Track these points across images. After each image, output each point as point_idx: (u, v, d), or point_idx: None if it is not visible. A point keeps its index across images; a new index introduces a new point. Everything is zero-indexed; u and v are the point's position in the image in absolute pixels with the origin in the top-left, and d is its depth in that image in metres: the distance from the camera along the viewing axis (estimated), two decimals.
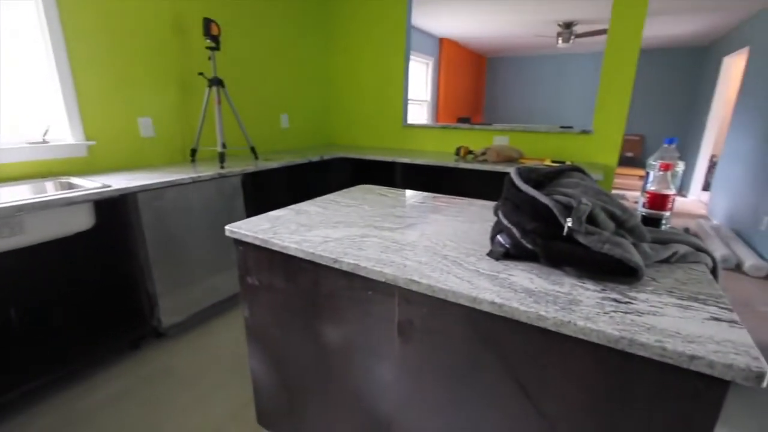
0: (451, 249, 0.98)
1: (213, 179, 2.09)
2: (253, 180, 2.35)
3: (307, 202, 1.45)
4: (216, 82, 2.31)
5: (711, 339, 0.60)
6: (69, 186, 1.82)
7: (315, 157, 2.86)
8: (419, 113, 6.07)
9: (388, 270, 0.85)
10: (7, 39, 1.75)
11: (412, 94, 5.71)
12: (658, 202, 1.02)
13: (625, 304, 0.70)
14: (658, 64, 6.68)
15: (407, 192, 1.64)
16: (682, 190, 5.97)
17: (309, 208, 1.35)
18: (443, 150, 3.37)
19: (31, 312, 1.50)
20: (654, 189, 1.03)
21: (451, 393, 0.86)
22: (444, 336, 0.83)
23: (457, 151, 2.87)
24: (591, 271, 0.79)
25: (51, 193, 1.69)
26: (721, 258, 3.18)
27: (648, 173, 1.10)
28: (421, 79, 6.00)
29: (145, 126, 2.27)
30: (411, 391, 0.93)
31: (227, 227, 1.14)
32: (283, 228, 1.13)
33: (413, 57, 5.51)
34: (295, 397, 1.22)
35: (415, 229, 1.13)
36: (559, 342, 0.68)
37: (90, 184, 1.72)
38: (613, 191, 4.92)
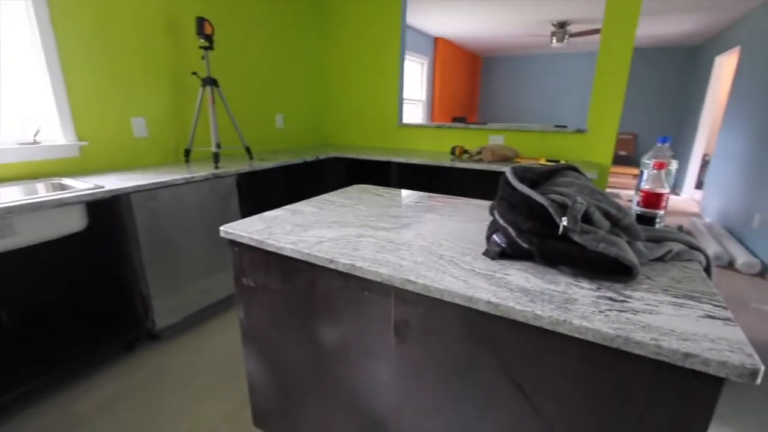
0: (447, 248, 0.98)
1: (207, 180, 2.07)
2: (248, 180, 2.34)
3: (302, 202, 1.44)
4: (210, 81, 2.30)
5: (705, 337, 0.60)
6: (61, 187, 1.80)
7: (310, 157, 2.85)
8: (414, 113, 6.08)
9: (383, 270, 0.85)
10: None
11: (408, 93, 5.73)
12: (653, 200, 1.03)
13: (621, 302, 0.71)
14: (651, 63, 6.73)
15: (403, 192, 1.64)
16: (675, 188, 6.03)
17: (304, 209, 1.35)
18: (439, 149, 3.37)
19: (24, 314, 1.48)
20: (648, 188, 1.03)
21: (447, 393, 0.86)
22: (440, 336, 0.83)
23: (452, 150, 2.87)
24: (586, 270, 0.80)
25: (42, 194, 1.67)
26: (713, 255, 3.22)
27: (642, 172, 1.11)
28: (416, 78, 6.00)
29: (138, 126, 2.25)
30: (407, 391, 0.93)
31: (222, 228, 1.14)
32: (279, 228, 1.13)
33: (408, 56, 5.51)
34: (291, 398, 1.22)
35: (410, 229, 1.13)
36: (555, 341, 0.68)
37: (82, 185, 1.70)
38: (608, 190, 4.95)
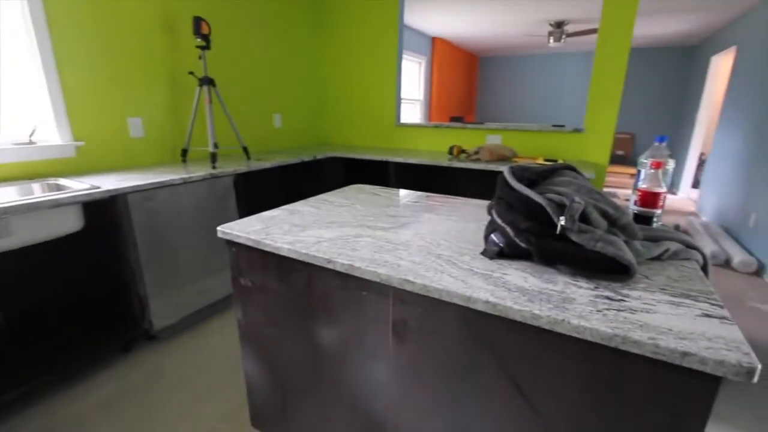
0: (445, 248, 0.98)
1: (205, 180, 2.06)
2: (245, 180, 2.33)
3: (300, 202, 1.44)
4: (207, 81, 2.29)
5: (703, 336, 0.60)
6: (57, 187, 1.79)
7: (308, 157, 2.85)
8: (412, 112, 6.08)
9: (382, 270, 0.85)
10: None
11: (405, 93, 5.73)
12: (650, 199, 1.03)
13: (618, 301, 0.71)
14: (648, 63, 6.75)
15: (400, 191, 1.64)
16: (672, 187, 6.05)
17: (302, 209, 1.35)
18: (436, 149, 3.37)
19: (21, 315, 1.47)
20: (645, 187, 1.03)
21: (446, 393, 0.86)
22: (439, 336, 0.83)
23: (450, 150, 2.87)
24: (584, 269, 0.80)
25: (38, 194, 1.66)
26: (710, 254, 3.23)
27: (639, 171, 1.11)
28: (413, 78, 6.00)
29: (134, 126, 2.24)
30: (406, 392, 0.93)
31: (219, 228, 1.13)
32: (276, 228, 1.12)
33: (406, 56, 5.51)
34: (289, 399, 1.22)
35: (408, 229, 1.13)
36: (554, 340, 0.68)
37: (78, 186, 1.69)
38: (605, 189, 4.96)
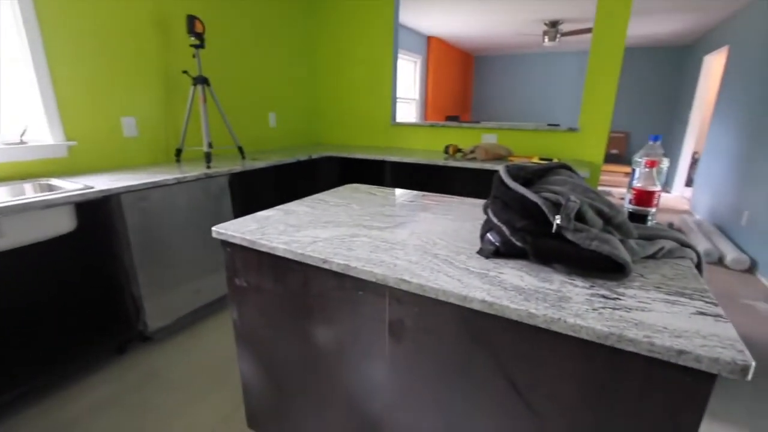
0: (441, 247, 0.98)
1: (199, 179, 2.05)
2: (240, 180, 2.32)
3: (295, 201, 1.43)
4: (201, 80, 2.27)
5: (698, 333, 0.60)
6: (49, 188, 1.76)
7: (303, 157, 2.84)
8: (408, 112, 6.08)
9: (378, 270, 0.85)
10: None
11: (401, 92, 5.73)
12: (645, 198, 1.04)
13: (614, 300, 0.71)
14: (642, 62, 6.80)
15: (396, 191, 1.64)
16: (665, 186, 6.10)
17: (297, 208, 1.34)
18: (432, 148, 3.37)
19: (12, 317, 1.45)
20: (640, 186, 1.04)
21: (442, 392, 0.86)
22: (435, 335, 0.83)
23: (446, 149, 2.87)
24: (580, 268, 0.80)
25: (30, 195, 1.64)
26: (703, 252, 3.26)
27: (634, 170, 1.12)
28: (409, 77, 6.00)
29: (128, 126, 2.22)
30: (402, 391, 0.93)
31: (214, 228, 1.12)
32: (272, 228, 1.12)
33: (401, 55, 5.51)
34: (286, 399, 1.21)
35: (404, 228, 1.13)
36: (550, 339, 0.68)
37: (71, 186, 1.67)
38: (599, 188, 4.99)
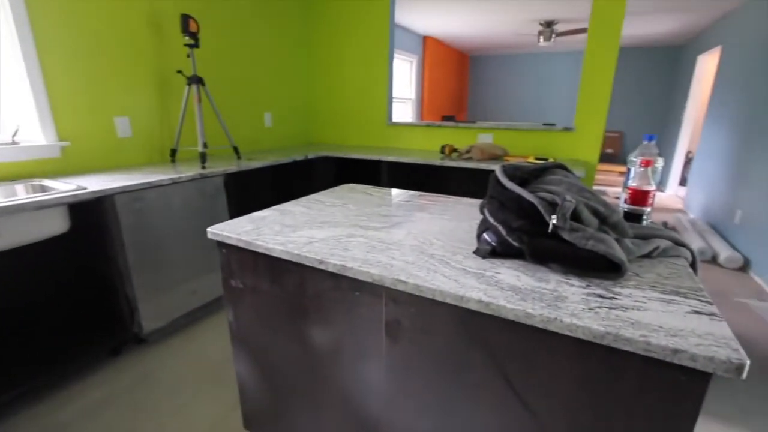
0: (438, 248, 0.98)
1: (194, 180, 2.04)
2: (235, 180, 2.31)
3: (291, 202, 1.43)
4: (195, 80, 2.26)
5: (693, 332, 0.61)
6: (42, 189, 1.75)
7: (299, 157, 2.83)
8: (404, 111, 6.08)
9: (374, 270, 0.84)
10: None
11: (397, 92, 5.73)
12: (640, 197, 1.04)
13: (610, 299, 0.71)
14: (636, 62, 6.85)
15: (393, 191, 1.64)
16: (659, 185, 6.14)
17: (293, 209, 1.33)
18: (428, 148, 3.37)
19: (5, 319, 1.43)
20: (635, 185, 1.04)
21: (439, 392, 0.86)
22: (432, 335, 0.83)
23: (442, 149, 2.88)
24: (576, 268, 0.80)
25: (22, 196, 1.62)
26: (697, 251, 3.28)
27: (629, 169, 1.12)
28: (405, 77, 6.00)
29: (122, 126, 2.20)
30: (399, 392, 0.93)
31: (209, 229, 1.12)
32: (267, 229, 1.11)
33: (397, 55, 5.50)
34: (282, 400, 1.21)
35: (401, 228, 1.13)
36: (546, 339, 0.69)
37: (64, 187, 1.65)
38: (594, 187, 5.02)
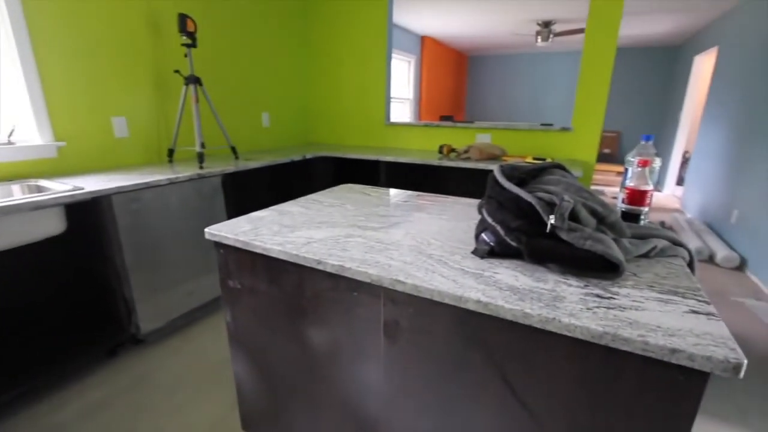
0: (436, 248, 0.98)
1: (192, 180, 2.03)
2: (233, 180, 2.30)
3: (289, 202, 1.42)
4: (193, 80, 2.25)
5: (691, 332, 0.61)
6: (38, 189, 1.74)
7: (297, 157, 2.82)
8: (402, 111, 6.08)
9: (372, 270, 0.84)
10: None
11: (395, 92, 5.73)
12: (637, 197, 1.04)
13: (608, 299, 0.71)
14: (634, 62, 6.87)
15: (391, 191, 1.63)
16: (657, 184, 6.16)
17: (291, 209, 1.33)
18: (426, 148, 3.37)
19: (2, 320, 1.43)
20: (633, 185, 1.05)
21: (438, 393, 0.86)
22: (430, 336, 0.83)
23: (440, 149, 2.88)
24: (574, 268, 0.80)
25: (18, 196, 1.61)
26: (694, 250, 3.30)
27: (627, 169, 1.12)
28: (403, 77, 6.00)
29: (119, 126, 2.19)
30: (398, 392, 0.93)
31: (207, 230, 1.11)
32: (265, 229, 1.11)
33: (395, 55, 5.50)
34: (280, 401, 1.20)
35: (399, 229, 1.13)
36: (545, 339, 0.69)
37: (60, 187, 1.64)
38: (592, 187, 5.03)
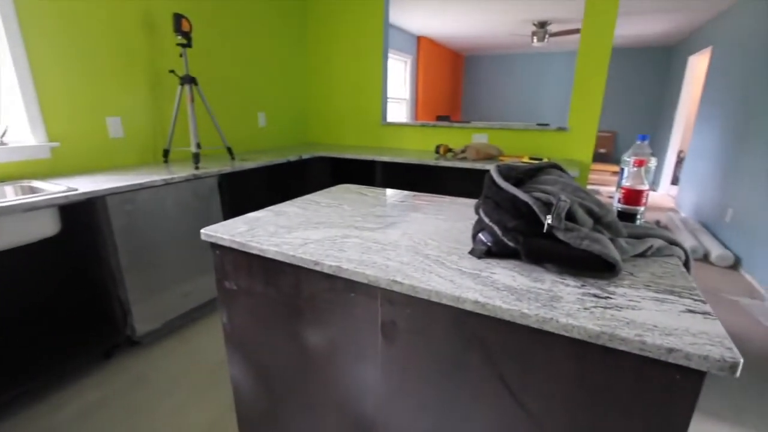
0: (433, 248, 0.97)
1: (187, 181, 2.02)
2: (229, 181, 2.29)
3: (286, 202, 1.42)
4: (188, 80, 2.24)
5: (687, 331, 0.61)
6: (31, 190, 1.72)
7: (293, 157, 2.81)
8: (398, 111, 6.08)
9: (370, 271, 0.84)
10: None
11: (391, 92, 5.73)
12: (633, 197, 1.05)
13: (605, 299, 0.71)
14: (629, 63, 6.90)
15: (387, 191, 1.63)
16: (652, 184, 6.20)
17: (288, 209, 1.33)
18: (423, 148, 3.38)
19: None
20: (629, 185, 1.05)
21: (435, 393, 0.86)
22: (428, 336, 0.83)
23: (436, 149, 2.88)
24: (571, 267, 0.80)
25: (11, 197, 1.59)
26: (689, 249, 3.32)
27: (623, 169, 1.13)
28: (399, 77, 6.00)
29: (113, 126, 2.18)
30: (395, 393, 0.93)
31: (203, 231, 1.10)
32: (262, 230, 1.10)
33: (391, 55, 5.50)
34: (277, 402, 1.20)
35: (396, 229, 1.12)
36: (542, 339, 0.69)
37: (54, 188, 1.63)
38: (588, 187, 5.05)
